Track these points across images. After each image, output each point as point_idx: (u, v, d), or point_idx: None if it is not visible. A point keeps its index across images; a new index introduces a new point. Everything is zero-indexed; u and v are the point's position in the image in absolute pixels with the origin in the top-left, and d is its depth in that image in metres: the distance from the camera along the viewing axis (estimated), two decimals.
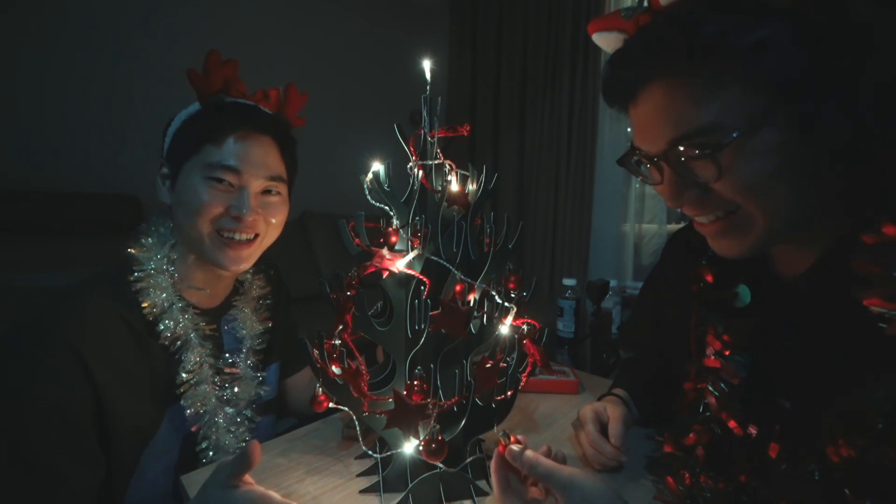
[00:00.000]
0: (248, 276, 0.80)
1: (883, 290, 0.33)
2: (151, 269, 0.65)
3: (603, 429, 0.61)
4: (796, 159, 0.36)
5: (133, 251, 0.66)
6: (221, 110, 0.68)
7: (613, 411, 0.62)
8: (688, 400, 0.52)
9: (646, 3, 0.41)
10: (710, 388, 0.48)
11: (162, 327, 0.64)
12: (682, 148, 0.39)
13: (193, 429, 0.65)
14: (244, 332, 0.75)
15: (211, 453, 0.66)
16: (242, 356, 0.74)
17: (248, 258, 0.70)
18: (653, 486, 0.56)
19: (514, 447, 0.47)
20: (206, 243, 0.66)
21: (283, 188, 0.72)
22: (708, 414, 0.49)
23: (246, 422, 0.71)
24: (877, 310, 0.34)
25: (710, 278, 0.51)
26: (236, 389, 0.71)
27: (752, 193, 0.38)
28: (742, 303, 0.49)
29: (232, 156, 0.65)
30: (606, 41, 0.47)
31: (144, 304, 0.63)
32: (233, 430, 0.68)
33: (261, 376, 0.75)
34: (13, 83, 1.61)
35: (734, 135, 0.35)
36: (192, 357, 0.65)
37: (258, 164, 0.67)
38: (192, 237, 0.66)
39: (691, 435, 0.49)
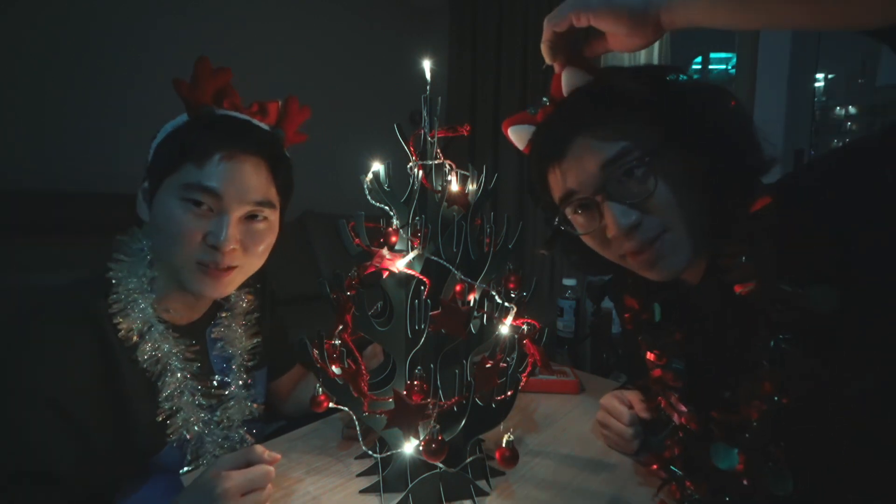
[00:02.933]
0: (234, 291, 0.75)
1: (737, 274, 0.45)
2: (132, 290, 0.61)
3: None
4: (690, 180, 0.47)
5: (112, 271, 0.61)
6: (209, 126, 0.62)
7: (635, 396, 0.64)
8: (653, 417, 0.59)
9: (546, 101, 0.54)
10: (665, 399, 0.54)
11: (139, 352, 0.60)
12: (615, 169, 0.47)
13: (182, 450, 0.62)
14: (232, 349, 0.71)
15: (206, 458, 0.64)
16: (234, 375, 0.70)
17: (228, 284, 0.64)
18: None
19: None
20: (185, 273, 0.61)
21: (271, 214, 0.65)
22: (672, 425, 0.54)
23: (237, 442, 0.67)
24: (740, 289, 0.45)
25: (636, 305, 0.61)
26: (229, 411, 0.68)
27: (676, 206, 0.47)
28: (658, 318, 0.58)
29: (213, 177, 0.59)
30: (518, 135, 0.57)
31: (120, 328, 0.59)
32: (226, 446, 0.66)
33: (253, 394, 0.72)
34: (13, 83, 1.61)
35: (653, 149, 0.46)
36: (171, 383, 0.62)
37: (243, 189, 0.61)
38: (170, 263, 0.62)
39: (666, 450, 0.55)
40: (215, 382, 0.68)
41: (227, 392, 0.69)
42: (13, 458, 0.52)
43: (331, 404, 0.53)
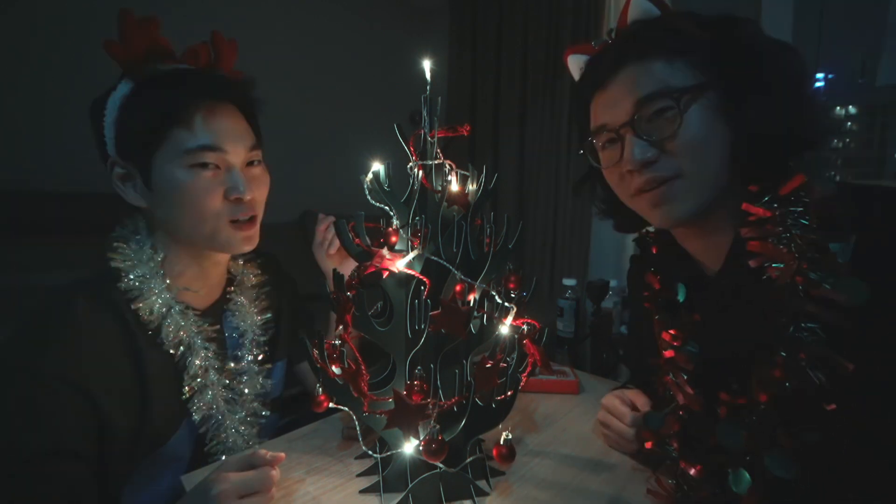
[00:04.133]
0: (240, 266, 0.76)
1: (764, 250, 0.45)
2: (144, 276, 0.60)
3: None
4: (723, 127, 0.48)
5: (116, 262, 0.60)
6: (173, 86, 0.59)
7: (637, 395, 0.64)
8: (658, 393, 0.58)
9: (612, 32, 0.55)
10: (672, 378, 0.54)
11: (164, 334, 0.60)
12: (646, 107, 0.48)
13: (202, 430, 0.63)
14: (243, 324, 0.72)
15: (223, 457, 0.64)
16: (245, 350, 0.71)
17: (256, 235, 0.66)
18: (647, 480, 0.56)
19: None
20: (219, 234, 0.61)
21: (261, 156, 0.66)
22: (674, 403, 0.54)
23: (255, 419, 0.69)
24: (762, 263, 0.45)
25: (656, 285, 0.61)
26: (244, 388, 0.68)
27: (697, 150, 0.48)
28: (682, 298, 0.58)
29: (209, 134, 0.58)
30: (575, 64, 0.59)
31: (141, 313, 0.59)
32: (242, 430, 0.67)
33: (265, 369, 0.72)
34: (13, 83, 1.61)
35: (686, 93, 0.47)
36: (197, 362, 0.62)
37: (235, 137, 0.61)
38: (201, 233, 0.61)
39: (664, 426, 0.55)
40: (231, 364, 0.69)
41: (240, 366, 0.69)
42: (41, 437, 0.52)
43: (331, 404, 0.53)
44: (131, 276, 0.60)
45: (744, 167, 0.48)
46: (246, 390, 0.69)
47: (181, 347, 0.62)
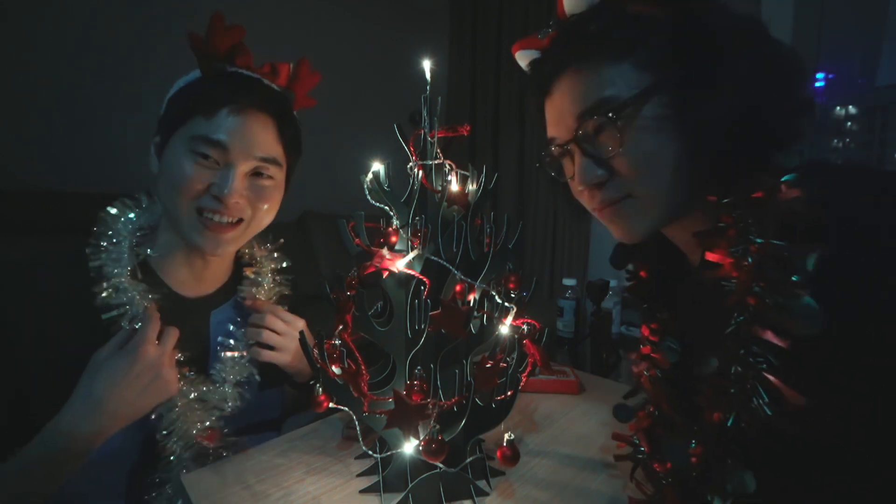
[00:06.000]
0: (258, 249, 0.75)
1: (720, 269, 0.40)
2: (110, 247, 0.61)
3: None
4: (677, 131, 0.42)
5: (96, 232, 0.61)
6: (219, 80, 0.63)
7: None
8: (636, 389, 0.57)
9: (551, 25, 0.50)
10: (646, 374, 0.53)
11: (115, 308, 0.58)
12: (587, 121, 0.45)
13: (153, 416, 0.59)
14: (240, 324, 0.69)
15: (177, 448, 0.59)
16: (233, 344, 0.68)
17: (229, 242, 0.64)
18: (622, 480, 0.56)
19: None
20: (183, 222, 0.61)
21: (277, 172, 0.66)
22: (645, 399, 0.53)
23: (227, 403, 0.65)
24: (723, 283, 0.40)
25: (642, 273, 0.59)
26: (227, 375, 0.66)
27: (646, 168, 0.44)
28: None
29: (221, 130, 0.59)
30: (525, 60, 0.55)
31: (99, 286, 0.58)
32: (210, 418, 0.62)
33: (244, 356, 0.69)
34: (13, 83, 1.61)
35: (628, 104, 0.42)
36: (116, 288, 0.60)
37: (249, 143, 0.61)
38: (172, 214, 0.62)
39: (632, 423, 0.53)
40: (220, 352, 0.67)
41: (226, 355, 0.67)
42: None
43: (331, 404, 0.53)
44: (100, 240, 0.61)
45: (708, 173, 0.43)
46: (231, 377, 0.66)
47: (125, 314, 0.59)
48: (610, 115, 0.42)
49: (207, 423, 0.63)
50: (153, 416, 0.59)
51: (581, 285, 1.91)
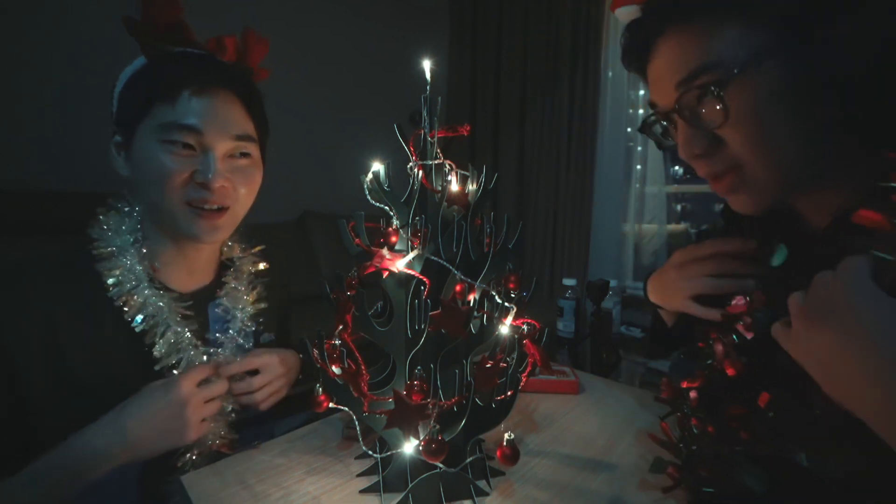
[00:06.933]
0: (236, 251, 0.74)
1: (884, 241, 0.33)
2: (115, 248, 0.59)
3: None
4: (799, 97, 0.37)
5: (93, 232, 0.59)
6: (171, 62, 0.59)
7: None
8: (700, 345, 0.52)
9: None
10: (721, 337, 0.48)
11: (129, 310, 0.58)
12: (688, 90, 0.40)
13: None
14: (235, 306, 0.69)
15: (187, 454, 0.60)
16: (229, 337, 0.67)
17: (222, 227, 0.63)
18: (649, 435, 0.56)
19: None
20: (176, 216, 0.59)
21: (253, 149, 0.64)
22: (710, 361, 0.48)
23: (231, 413, 0.64)
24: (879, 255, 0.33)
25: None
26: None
27: (757, 140, 0.39)
28: (777, 261, 0.47)
29: (189, 114, 0.57)
30: (626, 16, 0.49)
31: (107, 285, 0.57)
32: (217, 421, 0.62)
33: (249, 345, 0.69)
34: (13, 83, 1.61)
35: (735, 71, 0.37)
36: (172, 340, 0.59)
37: (222, 123, 0.59)
38: (161, 210, 0.59)
39: (687, 380, 0.49)
40: (212, 350, 0.66)
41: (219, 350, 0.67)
42: None
43: (331, 404, 0.53)
44: (103, 247, 0.59)
45: (856, 128, 0.37)
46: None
47: (150, 325, 0.59)
48: (712, 87, 0.38)
49: (222, 433, 0.63)
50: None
51: (581, 285, 1.91)
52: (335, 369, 0.51)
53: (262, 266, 0.76)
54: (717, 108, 0.39)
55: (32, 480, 0.53)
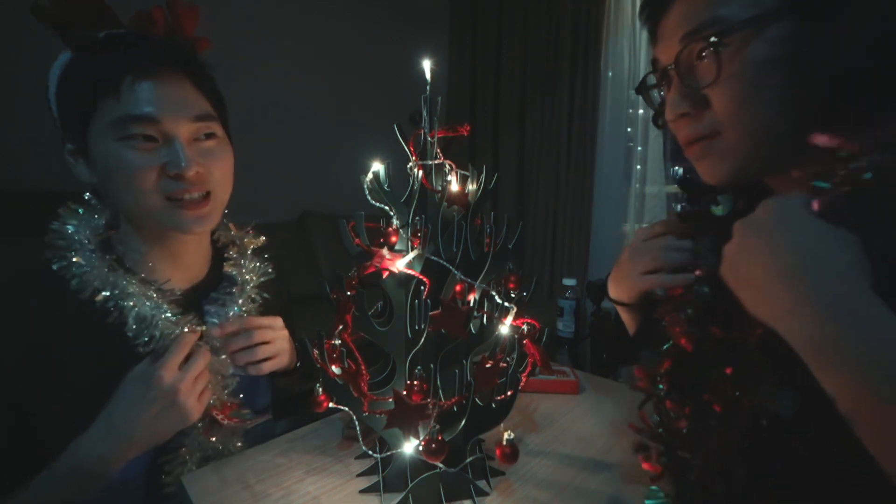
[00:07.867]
0: (233, 228, 0.71)
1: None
2: (74, 251, 0.56)
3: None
4: (792, 70, 0.38)
5: (52, 248, 0.56)
6: (102, 49, 0.54)
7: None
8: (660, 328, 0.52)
9: None
10: (673, 317, 0.49)
11: (122, 319, 0.55)
12: (692, 42, 0.41)
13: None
14: (241, 279, 0.66)
15: (187, 456, 0.58)
16: (235, 308, 0.64)
17: (209, 215, 0.60)
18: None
19: None
20: (159, 213, 0.56)
21: (217, 128, 0.60)
22: (671, 343, 0.49)
23: (230, 370, 0.62)
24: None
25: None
26: (223, 357, 0.61)
27: (742, 102, 0.40)
28: (721, 211, 0.49)
29: (138, 102, 0.52)
30: None
31: (83, 296, 0.55)
32: (223, 393, 0.60)
33: (245, 313, 0.66)
34: (12, 82, 1.61)
35: (738, 28, 0.38)
36: (161, 328, 0.57)
37: (177, 105, 0.54)
38: (140, 211, 0.56)
39: (659, 365, 0.50)
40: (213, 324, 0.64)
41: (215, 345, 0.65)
42: None
43: (331, 404, 0.53)
44: (65, 262, 0.56)
45: (821, 117, 0.38)
46: (230, 370, 0.64)
47: (143, 331, 0.56)
48: (713, 38, 0.39)
49: (216, 396, 0.61)
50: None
51: (581, 285, 1.91)
52: (335, 369, 0.51)
53: (262, 239, 0.74)
54: (714, 63, 0.39)
55: (40, 489, 0.52)
